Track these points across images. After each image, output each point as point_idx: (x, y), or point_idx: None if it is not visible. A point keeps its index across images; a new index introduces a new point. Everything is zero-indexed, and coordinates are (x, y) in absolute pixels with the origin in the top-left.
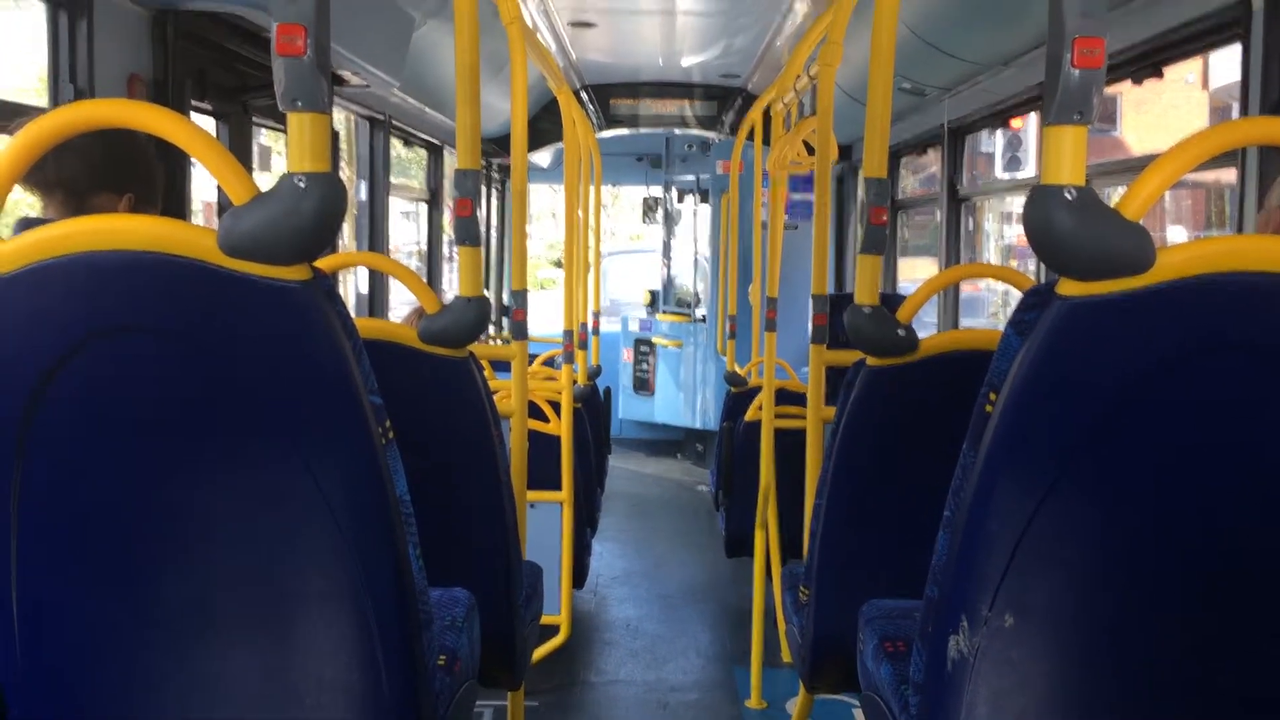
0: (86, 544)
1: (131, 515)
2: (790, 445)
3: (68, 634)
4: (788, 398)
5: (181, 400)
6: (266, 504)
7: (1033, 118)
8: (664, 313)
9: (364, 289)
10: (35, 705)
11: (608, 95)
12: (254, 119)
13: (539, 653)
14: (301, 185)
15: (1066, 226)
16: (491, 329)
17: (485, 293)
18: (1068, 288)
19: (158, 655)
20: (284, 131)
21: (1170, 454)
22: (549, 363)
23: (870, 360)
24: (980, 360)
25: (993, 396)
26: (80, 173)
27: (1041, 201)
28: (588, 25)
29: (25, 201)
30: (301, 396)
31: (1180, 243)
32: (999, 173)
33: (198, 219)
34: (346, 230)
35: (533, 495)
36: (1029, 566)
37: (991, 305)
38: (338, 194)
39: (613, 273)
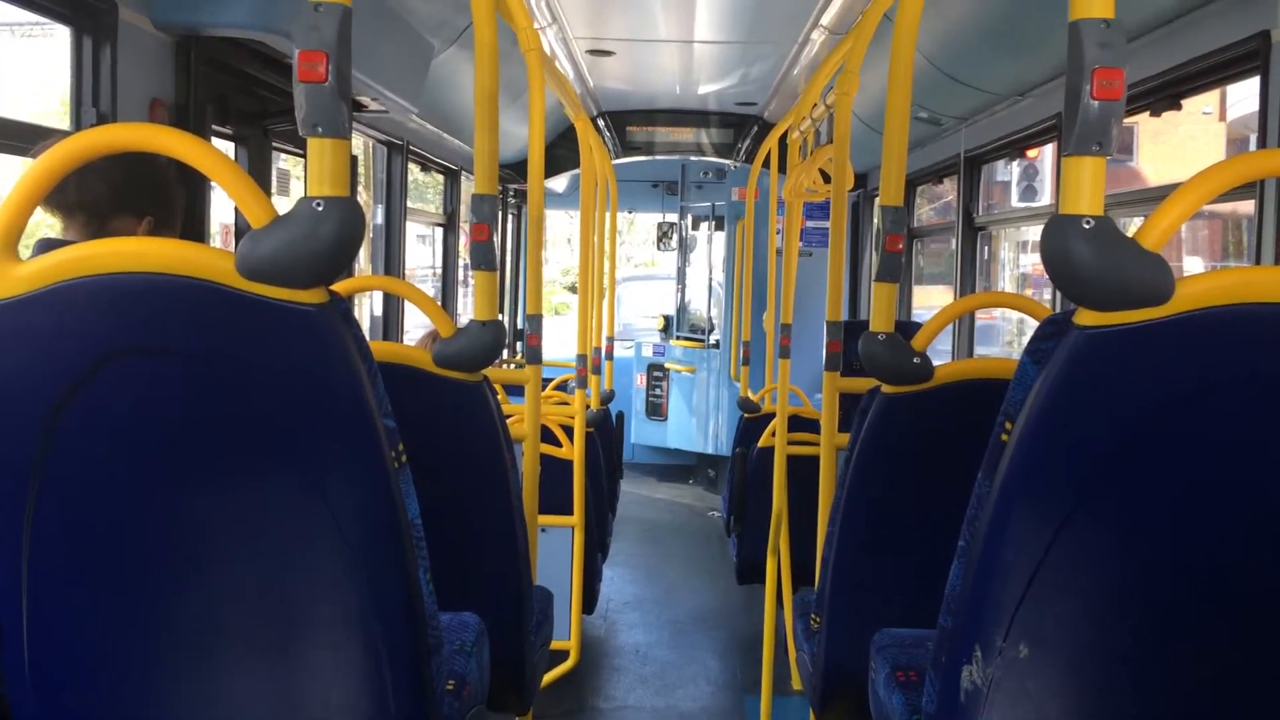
0: (98, 564)
1: (143, 535)
2: (803, 472)
3: (78, 654)
4: (801, 424)
5: (196, 422)
6: (278, 525)
7: (1048, 148)
8: (678, 338)
9: (379, 312)
10: None
11: (624, 122)
12: (274, 144)
13: (548, 678)
14: (320, 209)
15: (1085, 256)
16: (506, 353)
17: (500, 317)
18: (1085, 318)
19: (166, 677)
20: (303, 156)
21: (1188, 485)
22: (562, 387)
23: (885, 388)
24: (996, 389)
25: (1009, 425)
26: (101, 195)
27: (1059, 231)
28: (606, 54)
29: (45, 223)
30: (316, 419)
31: (1199, 273)
32: (1014, 202)
33: (215, 242)
34: (362, 254)
35: (544, 520)
36: (1045, 597)
37: (1006, 334)
38: (356, 218)
39: (627, 298)
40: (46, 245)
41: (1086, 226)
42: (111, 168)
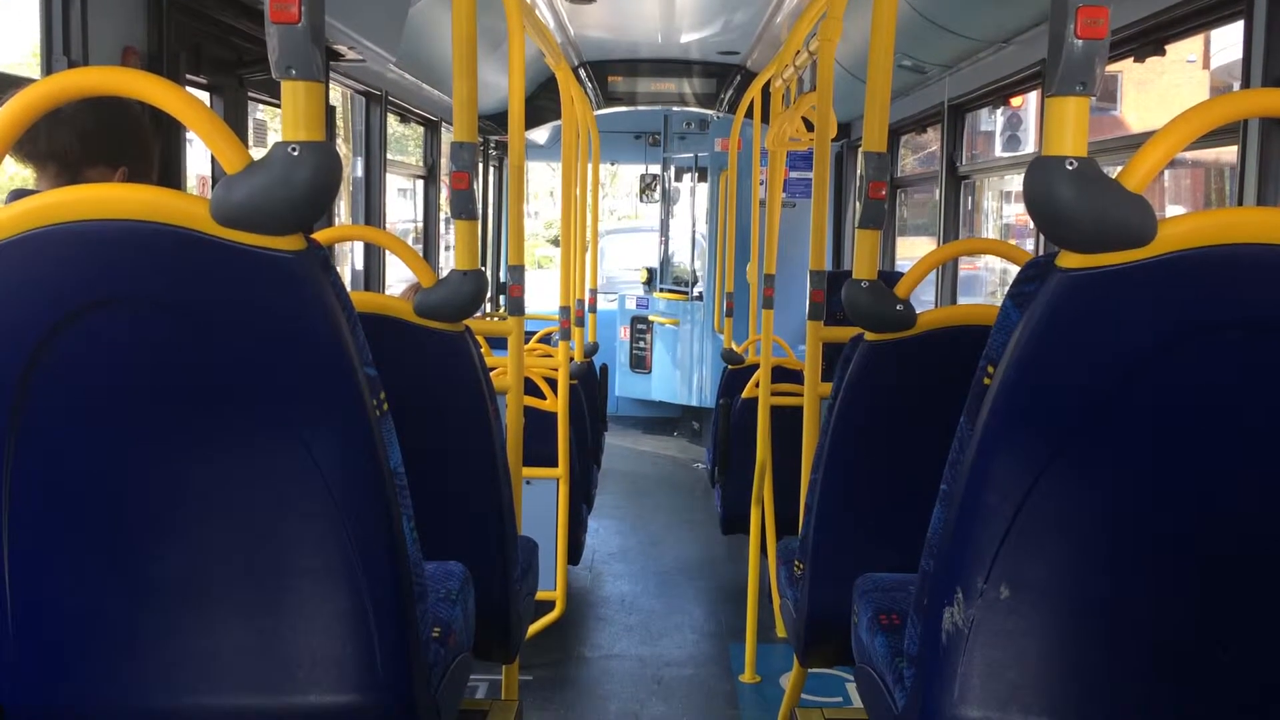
0: (79, 518)
1: (124, 488)
2: (787, 422)
3: (61, 610)
4: (785, 375)
5: (174, 370)
6: (260, 475)
7: (1032, 96)
8: (661, 291)
9: (360, 266)
10: (28, 681)
11: (606, 72)
12: (249, 93)
13: (534, 628)
14: (295, 154)
15: (1067, 197)
16: (488, 306)
17: (481, 267)
18: (1067, 260)
19: (150, 630)
20: (279, 106)
21: (1169, 428)
22: (546, 340)
23: (868, 335)
24: (979, 335)
25: (991, 369)
26: (72, 144)
27: (1042, 172)
28: (586, 1)
29: (21, 175)
30: (295, 366)
31: (1182, 214)
32: (998, 151)
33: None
34: (343, 207)
35: (529, 471)
36: (1025, 539)
37: (989, 285)
38: (332, 163)
39: (610, 251)
40: (19, 195)
41: (1070, 167)
42: (83, 116)
